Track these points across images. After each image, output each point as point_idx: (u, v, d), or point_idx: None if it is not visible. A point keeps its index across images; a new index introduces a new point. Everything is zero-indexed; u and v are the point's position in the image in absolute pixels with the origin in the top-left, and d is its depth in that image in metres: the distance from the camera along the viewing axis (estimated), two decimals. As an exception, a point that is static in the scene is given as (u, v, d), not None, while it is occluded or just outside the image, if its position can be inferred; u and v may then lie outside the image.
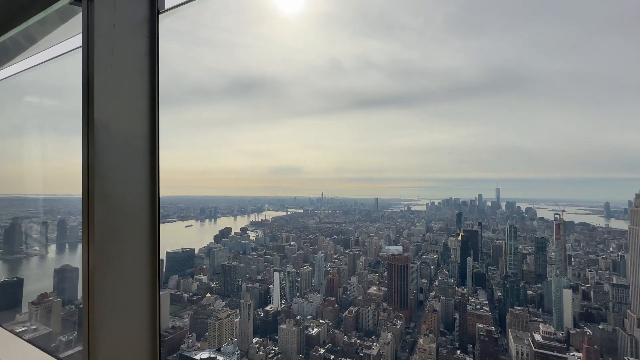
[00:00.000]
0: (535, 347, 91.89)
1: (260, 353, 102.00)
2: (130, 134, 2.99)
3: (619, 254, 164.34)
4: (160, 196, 3.14)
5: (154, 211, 3.05)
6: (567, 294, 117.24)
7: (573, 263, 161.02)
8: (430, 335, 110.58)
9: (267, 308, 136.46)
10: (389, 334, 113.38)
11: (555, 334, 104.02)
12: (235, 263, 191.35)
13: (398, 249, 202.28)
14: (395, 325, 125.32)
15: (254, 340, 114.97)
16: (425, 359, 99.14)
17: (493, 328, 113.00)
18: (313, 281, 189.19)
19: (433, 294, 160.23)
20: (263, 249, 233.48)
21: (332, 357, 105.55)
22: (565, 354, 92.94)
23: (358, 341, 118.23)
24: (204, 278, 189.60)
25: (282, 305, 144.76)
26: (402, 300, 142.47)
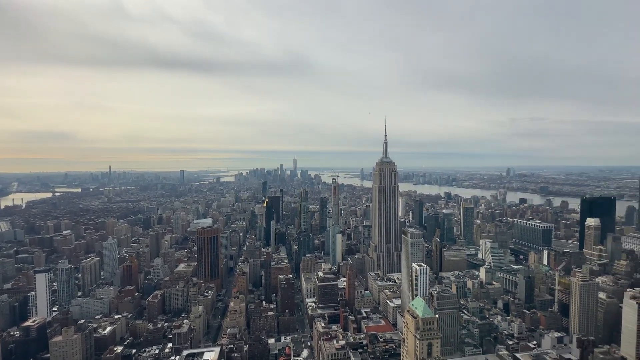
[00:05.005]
0: (319, 282, 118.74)
1: (20, 384, 75.88)
2: None
3: (367, 204, 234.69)
4: None
5: None
6: (339, 237, 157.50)
7: (342, 214, 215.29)
8: (241, 296, 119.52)
9: (28, 323, 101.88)
10: (200, 307, 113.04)
11: (332, 269, 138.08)
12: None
13: (208, 221, 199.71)
14: (207, 296, 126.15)
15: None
16: (236, 318, 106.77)
17: (291, 276, 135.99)
18: (102, 273, 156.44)
19: (242, 258, 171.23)
20: (14, 246, 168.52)
21: (134, 351, 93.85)
22: (337, 281, 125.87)
23: (166, 324, 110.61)
24: None
25: (55, 313, 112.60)
26: (213, 270, 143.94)
